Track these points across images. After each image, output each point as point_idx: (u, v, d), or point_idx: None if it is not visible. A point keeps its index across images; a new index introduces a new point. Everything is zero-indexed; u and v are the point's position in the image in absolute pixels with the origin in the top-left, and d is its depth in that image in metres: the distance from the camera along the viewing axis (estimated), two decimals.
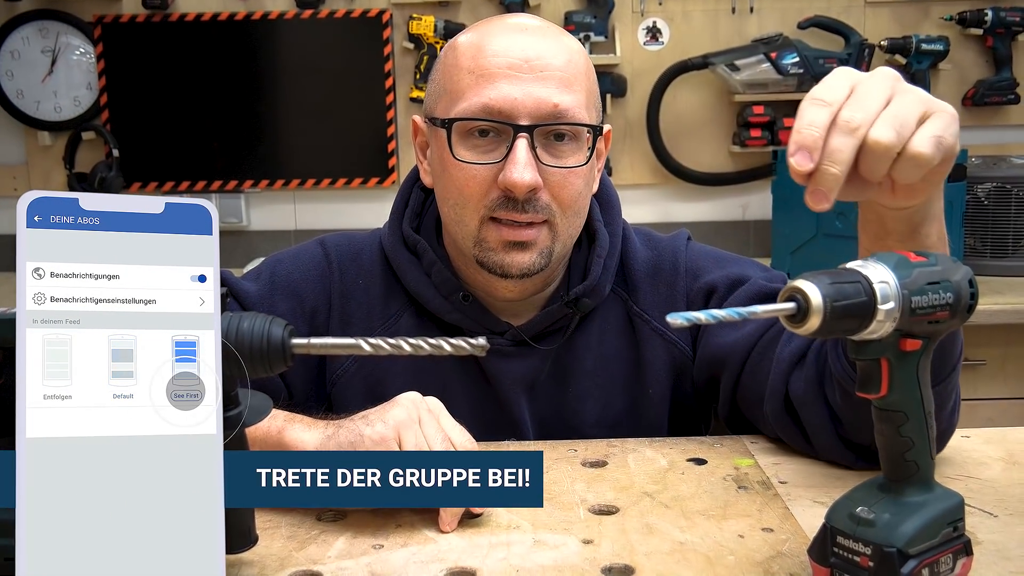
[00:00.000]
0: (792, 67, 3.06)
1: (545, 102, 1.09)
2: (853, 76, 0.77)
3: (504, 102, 1.09)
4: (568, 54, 1.12)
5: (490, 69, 1.10)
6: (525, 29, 1.13)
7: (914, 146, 0.74)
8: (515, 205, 1.10)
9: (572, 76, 1.11)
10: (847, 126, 0.73)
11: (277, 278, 1.24)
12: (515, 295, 1.20)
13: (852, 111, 0.74)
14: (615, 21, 3.19)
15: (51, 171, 3.30)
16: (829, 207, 0.72)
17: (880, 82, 0.76)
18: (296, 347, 0.72)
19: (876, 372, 0.73)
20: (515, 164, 1.08)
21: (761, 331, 1.15)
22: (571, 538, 0.87)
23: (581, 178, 1.13)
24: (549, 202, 1.12)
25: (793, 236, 2.74)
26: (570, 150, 1.12)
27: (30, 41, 3.23)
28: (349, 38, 3.19)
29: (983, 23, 3.09)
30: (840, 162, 0.72)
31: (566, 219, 1.14)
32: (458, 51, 1.14)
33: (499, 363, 1.20)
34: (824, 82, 0.77)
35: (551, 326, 1.22)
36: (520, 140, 1.09)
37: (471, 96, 1.10)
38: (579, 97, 1.12)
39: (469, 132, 1.11)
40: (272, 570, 0.82)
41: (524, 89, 1.09)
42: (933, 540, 0.73)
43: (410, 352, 0.71)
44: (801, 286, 0.68)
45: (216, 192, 3.27)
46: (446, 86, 1.15)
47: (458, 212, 1.14)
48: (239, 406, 0.75)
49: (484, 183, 1.11)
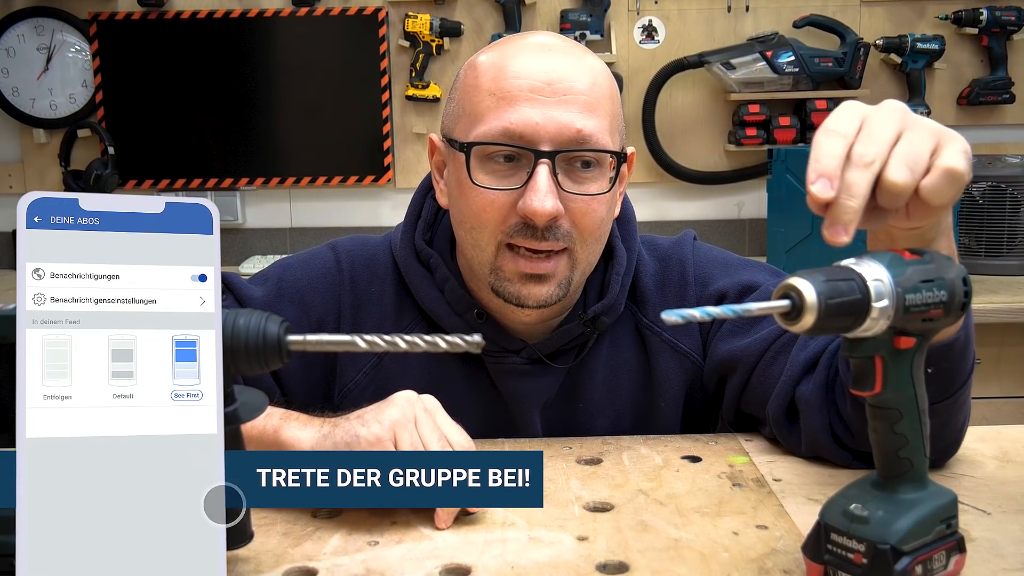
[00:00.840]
0: (788, 66, 3.07)
1: (568, 127, 1.05)
2: (862, 109, 0.77)
3: (526, 127, 1.05)
4: (592, 76, 1.08)
5: (511, 92, 1.06)
6: (548, 49, 1.09)
7: (929, 185, 0.74)
8: (534, 233, 1.06)
9: (596, 100, 1.08)
10: (861, 160, 0.73)
11: (284, 284, 1.21)
12: (532, 319, 1.16)
13: (865, 146, 0.74)
14: (611, 19, 3.19)
15: (46, 169, 3.30)
16: (848, 240, 0.72)
17: (889, 115, 0.76)
18: (292, 343, 0.72)
19: (870, 370, 0.73)
20: (536, 192, 1.04)
21: (773, 337, 1.14)
22: (566, 535, 0.87)
23: (604, 205, 1.10)
24: (570, 230, 1.08)
25: (788, 235, 2.74)
26: (592, 176, 1.08)
27: (25, 38, 3.23)
28: (345, 36, 3.19)
29: (978, 22, 3.10)
30: (857, 195, 0.72)
31: (586, 247, 1.11)
32: (479, 71, 1.10)
33: (514, 382, 1.18)
34: (835, 115, 0.77)
35: (567, 344, 1.19)
36: (541, 167, 1.05)
37: (491, 120, 1.06)
38: (603, 122, 1.08)
39: (489, 156, 1.07)
40: (268, 567, 0.82)
41: (546, 113, 1.05)
42: (927, 537, 0.74)
43: (405, 349, 0.71)
44: (795, 284, 0.68)
45: (212, 190, 3.27)
46: (465, 107, 1.11)
47: (475, 236, 1.11)
48: (234, 402, 0.75)
49: (503, 209, 1.07)
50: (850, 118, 0.76)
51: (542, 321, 1.18)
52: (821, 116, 3.10)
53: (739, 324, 1.18)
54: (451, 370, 1.19)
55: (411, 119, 3.23)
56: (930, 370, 0.89)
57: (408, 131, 3.23)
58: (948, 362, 0.93)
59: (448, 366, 1.19)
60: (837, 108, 0.78)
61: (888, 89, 3.22)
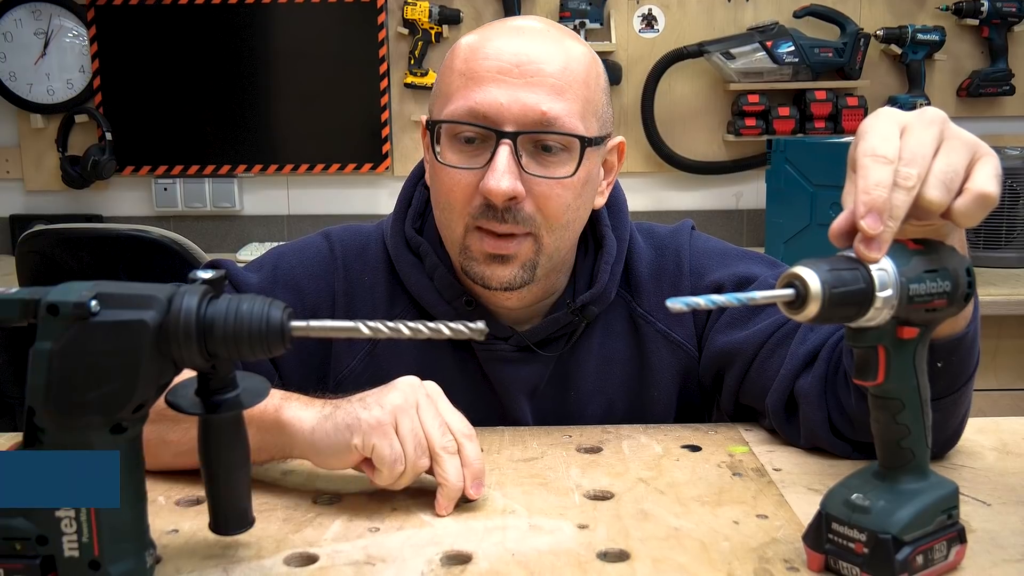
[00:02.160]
0: (787, 56, 3.06)
1: (532, 109, 1.05)
2: (900, 119, 0.76)
3: (490, 107, 1.05)
4: (565, 60, 1.08)
5: (479, 72, 1.06)
6: (523, 32, 1.10)
7: (961, 208, 0.73)
8: (495, 214, 1.07)
9: (566, 83, 1.07)
10: (905, 183, 0.72)
11: (279, 271, 1.21)
12: (512, 304, 1.17)
13: (909, 167, 0.73)
14: (611, 8, 3.18)
15: (43, 154, 3.28)
16: (880, 257, 0.71)
17: (928, 128, 0.75)
18: (295, 329, 0.72)
19: (873, 359, 0.73)
20: (493, 172, 1.04)
21: (771, 330, 1.14)
22: (566, 523, 0.87)
23: (570, 190, 1.09)
24: (533, 213, 1.08)
25: (787, 226, 2.74)
26: (559, 161, 1.07)
27: (23, 23, 3.21)
28: (343, 23, 3.17)
29: (979, 13, 3.09)
30: (897, 218, 0.72)
31: (552, 232, 1.10)
32: (455, 53, 1.12)
33: (502, 368, 1.19)
34: (876, 132, 0.75)
35: (556, 332, 1.20)
36: (502, 147, 1.05)
37: (458, 99, 1.07)
38: (572, 106, 1.07)
39: (456, 136, 1.08)
40: (269, 552, 0.82)
41: (512, 94, 1.05)
42: (927, 527, 0.74)
43: (409, 335, 0.71)
44: (800, 273, 0.68)
45: (209, 176, 3.26)
46: (441, 87, 1.12)
47: (446, 216, 1.12)
48: (237, 388, 0.75)
49: (468, 189, 1.08)
50: (892, 134, 0.74)
51: (523, 308, 1.19)
52: (820, 107, 3.10)
53: (737, 316, 1.18)
54: (443, 357, 1.20)
55: (409, 107, 3.22)
56: (939, 364, 0.89)
57: (406, 119, 3.22)
58: (957, 356, 0.93)
59: (440, 353, 1.19)
60: (877, 120, 0.76)
61: (888, 80, 3.21)
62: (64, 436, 0.70)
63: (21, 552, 0.71)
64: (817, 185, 2.63)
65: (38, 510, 0.71)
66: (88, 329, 0.68)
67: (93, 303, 0.68)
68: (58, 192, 3.30)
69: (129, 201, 3.33)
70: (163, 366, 0.71)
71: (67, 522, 0.71)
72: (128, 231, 2.14)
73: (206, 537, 0.82)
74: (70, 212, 3.29)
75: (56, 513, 0.71)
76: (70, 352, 0.68)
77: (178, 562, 0.80)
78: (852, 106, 3.11)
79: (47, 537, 0.71)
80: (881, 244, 0.71)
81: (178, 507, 0.92)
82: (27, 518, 0.71)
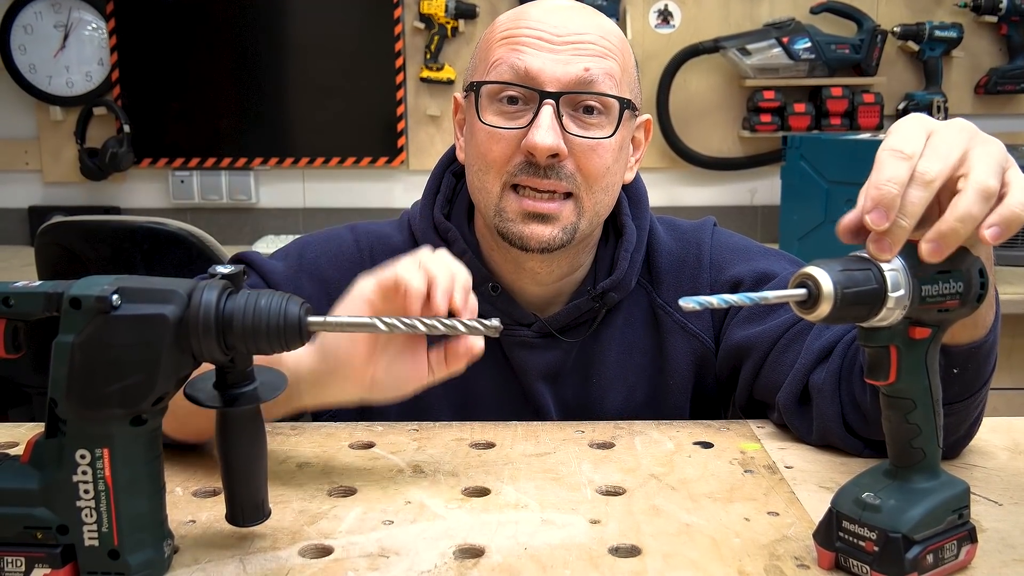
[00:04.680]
0: (804, 52, 3.05)
1: (575, 69, 1.09)
2: (928, 124, 0.74)
3: (532, 68, 1.09)
4: (602, 31, 1.13)
5: (522, 37, 1.11)
6: (560, 7, 1.14)
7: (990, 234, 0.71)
8: (537, 171, 1.10)
9: (605, 49, 1.11)
10: (923, 178, 0.70)
11: (305, 261, 1.23)
12: (541, 274, 1.19)
13: (929, 163, 0.71)
14: (626, 3, 3.18)
15: (62, 146, 3.31)
16: (891, 257, 0.70)
17: (957, 133, 0.73)
18: (312, 324, 0.73)
19: (885, 359, 0.73)
20: (537, 128, 1.08)
21: (788, 325, 1.15)
22: (578, 518, 0.88)
23: (609, 152, 1.12)
24: (574, 172, 1.11)
25: (801, 222, 2.74)
26: (598, 123, 1.11)
27: (43, 16, 3.23)
28: (360, 17, 3.18)
29: (998, 10, 3.08)
30: (912, 215, 0.70)
31: (592, 194, 1.13)
32: (495, 26, 1.16)
33: (525, 354, 1.21)
34: (900, 131, 0.73)
35: (577, 319, 1.22)
36: (545, 106, 1.08)
37: (501, 63, 1.11)
38: (612, 67, 1.11)
39: (498, 98, 1.12)
40: (284, 544, 0.83)
41: (554, 57, 1.09)
42: (938, 527, 0.74)
43: (424, 331, 0.72)
44: (812, 273, 0.69)
45: (225, 169, 3.28)
46: (480, 56, 1.16)
47: (481, 179, 1.14)
48: (254, 382, 0.76)
49: (508, 147, 1.11)
50: (916, 135, 0.73)
51: (550, 282, 1.21)
52: (836, 103, 3.09)
53: (754, 311, 1.19)
54: None
55: (425, 101, 3.23)
56: (955, 370, 0.89)
57: (422, 113, 3.23)
58: (974, 363, 0.93)
59: None
60: (904, 121, 0.75)
61: (905, 77, 3.20)
62: (85, 427, 0.71)
63: (42, 541, 0.73)
64: (832, 182, 2.63)
65: (59, 500, 0.72)
66: (109, 322, 0.70)
67: (115, 297, 0.70)
68: (76, 184, 3.33)
69: (146, 193, 3.35)
70: (182, 359, 0.72)
71: (87, 512, 0.72)
72: (146, 223, 2.15)
73: (223, 528, 0.83)
74: (88, 204, 3.32)
75: (76, 503, 0.72)
76: (92, 345, 0.70)
77: (195, 552, 0.81)
78: (868, 103, 3.10)
79: (67, 526, 0.72)
80: (892, 243, 0.70)
81: (195, 498, 0.93)
82: (48, 507, 0.72)
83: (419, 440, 1.09)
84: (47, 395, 0.71)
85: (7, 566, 0.73)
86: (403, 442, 1.08)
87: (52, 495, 0.72)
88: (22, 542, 0.73)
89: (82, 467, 0.71)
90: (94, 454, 0.71)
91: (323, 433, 1.12)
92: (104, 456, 0.71)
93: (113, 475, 0.71)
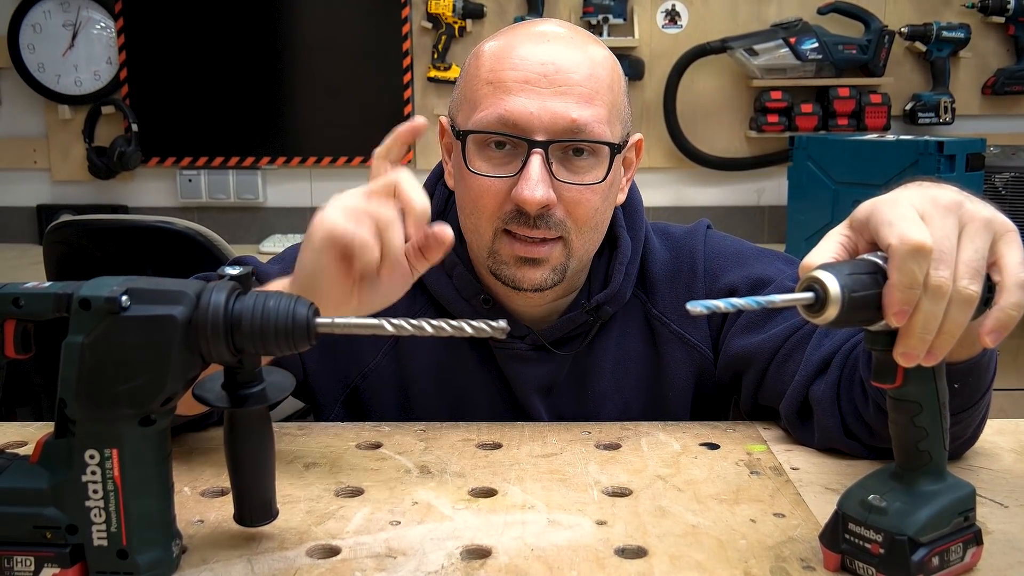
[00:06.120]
0: (811, 53, 3.05)
1: (562, 117, 1.06)
2: (917, 204, 0.73)
3: (520, 116, 1.06)
4: (591, 67, 1.09)
5: (507, 81, 1.08)
6: (548, 39, 1.10)
7: (991, 333, 0.72)
8: (527, 221, 1.08)
9: (593, 90, 1.08)
10: (939, 291, 0.70)
11: None
12: (534, 303, 1.19)
13: (939, 271, 0.70)
14: (634, 3, 3.18)
15: (70, 145, 3.32)
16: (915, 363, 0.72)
17: (946, 216, 0.72)
18: (320, 326, 0.73)
19: (891, 363, 0.73)
20: (527, 181, 1.06)
21: (786, 335, 1.14)
22: (585, 519, 0.88)
23: (598, 195, 1.11)
24: (564, 219, 1.09)
25: (808, 223, 2.74)
26: (588, 166, 1.09)
27: (52, 15, 3.25)
28: (368, 16, 3.19)
29: (1005, 11, 3.07)
30: (933, 331, 0.70)
31: (581, 235, 1.12)
32: (480, 59, 1.12)
33: (518, 367, 1.20)
34: (904, 221, 0.71)
35: (571, 332, 1.21)
36: (534, 156, 1.06)
37: (487, 108, 1.08)
38: (599, 112, 1.09)
39: (485, 144, 1.10)
40: (292, 544, 0.83)
41: (541, 103, 1.06)
42: (944, 529, 0.74)
43: (432, 333, 0.72)
44: (820, 276, 0.69)
45: (233, 168, 3.29)
46: (466, 94, 1.13)
47: (473, 222, 1.13)
48: (262, 383, 0.77)
49: (498, 196, 1.09)
50: (916, 224, 0.71)
51: (544, 305, 1.20)
52: (843, 104, 3.09)
53: (753, 320, 1.18)
54: (462, 354, 1.21)
55: (432, 100, 3.24)
56: (956, 385, 0.89)
57: (429, 112, 3.24)
58: (974, 376, 0.93)
59: (459, 351, 1.21)
60: (893, 206, 0.72)
61: (912, 77, 3.20)
62: (94, 427, 0.71)
63: (51, 540, 0.73)
64: (839, 182, 2.63)
65: (68, 499, 0.72)
66: (119, 323, 0.70)
67: (124, 298, 0.70)
68: (84, 182, 3.34)
69: (154, 192, 3.36)
70: (191, 360, 0.72)
71: (96, 512, 0.72)
72: (154, 222, 2.16)
73: (231, 528, 0.84)
74: (96, 202, 3.33)
75: (86, 503, 0.72)
76: (101, 345, 0.70)
77: (204, 552, 0.82)
78: (875, 103, 3.10)
79: (76, 526, 0.73)
80: (918, 356, 0.71)
81: (203, 498, 0.94)
82: (57, 507, 0.73)
83: (426, 441, 1.09)
84: (56, 394, 0.72)
85: (17, 565, 0.73)
86: (410, 442, 1.08)
87: (61, 495, 0.73)
88: (32, 542, 0.73)
89: (91, 467, 0.72)
90: (103, 454, 0.71)
91: (330, 433, 1.12)
92: (113, 456, 0.71)
93: (122, 475, 0.72)
